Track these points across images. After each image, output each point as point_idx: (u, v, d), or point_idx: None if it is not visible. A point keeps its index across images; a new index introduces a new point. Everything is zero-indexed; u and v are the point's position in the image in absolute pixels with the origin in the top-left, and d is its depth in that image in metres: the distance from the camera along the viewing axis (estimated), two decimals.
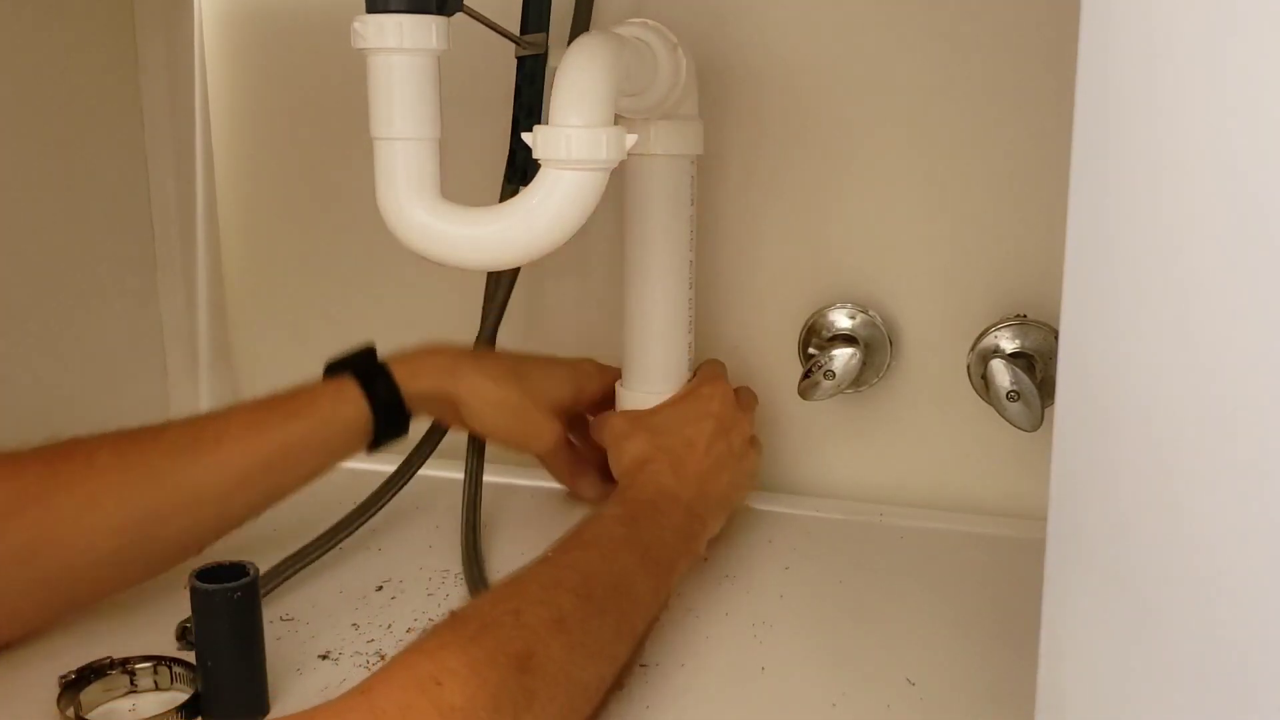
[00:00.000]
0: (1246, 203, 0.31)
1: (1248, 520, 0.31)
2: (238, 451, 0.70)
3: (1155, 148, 0.37)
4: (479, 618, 0.55)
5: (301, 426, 0.72)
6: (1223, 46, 0.33)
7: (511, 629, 0.54)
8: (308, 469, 0.74)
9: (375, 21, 0.64)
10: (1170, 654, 0.36)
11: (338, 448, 0.75)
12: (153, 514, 0.67)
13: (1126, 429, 0.39)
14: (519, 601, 0.57)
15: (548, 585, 0.59)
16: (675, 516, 0.71)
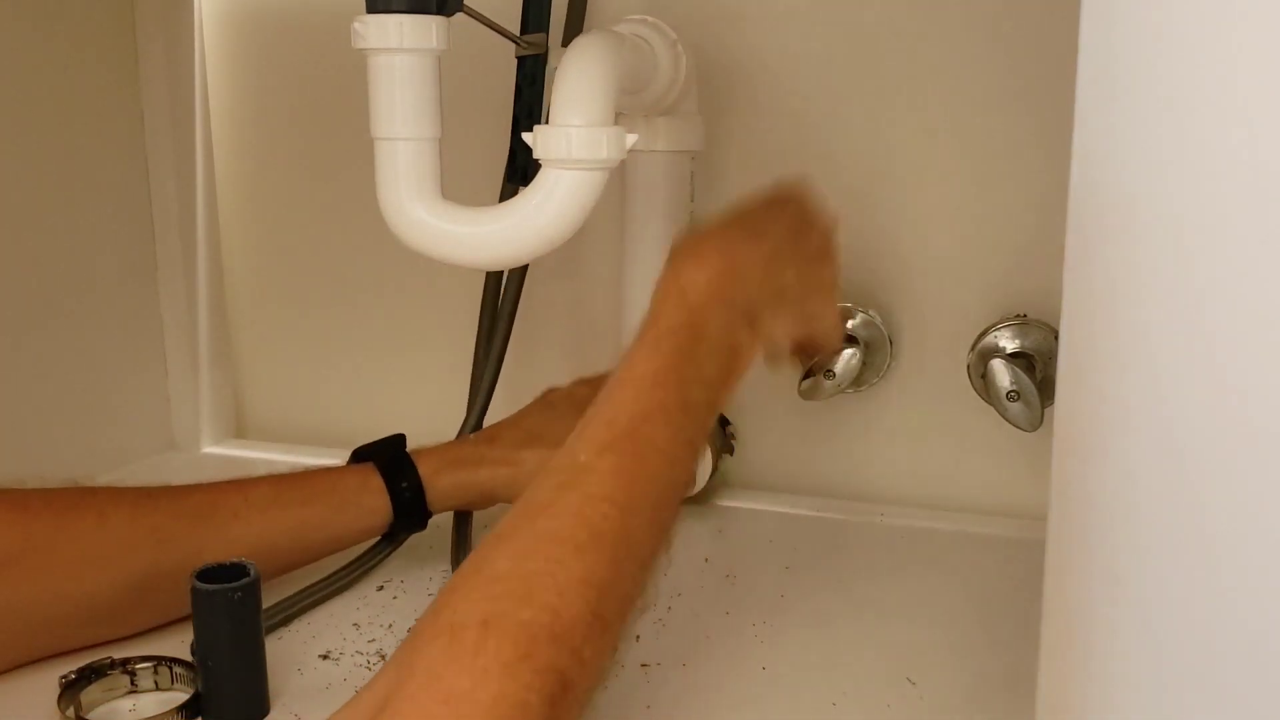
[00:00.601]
0: (1247, 202, 0.31)
1: (1248, 519, 0.31)
2: (252, 528, 0.70)
3: (1155, 148, 0.37)
4: (485, 620, 0.48)
5: (319, 511, 0.72)
6: (1223, 44, 0.33)
7: (531, 626, 0.48)
8: (318, 551, 0.74)
9: (375, 21, 0.64)
10: (1170, 654, 0.36)
11: (353, 535, 0.75)
12: (157, 575, 0.66)
13: (1127, 429, 0.38)
14: (530, 577, 0.50)
15: (561, 539, 0.51)
16: (719, 329, 0.62)
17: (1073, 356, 0.43)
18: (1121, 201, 0.39)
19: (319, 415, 1.06)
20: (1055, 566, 0.44)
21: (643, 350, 0.60)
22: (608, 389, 0.58)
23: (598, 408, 0.57)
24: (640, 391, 0.57)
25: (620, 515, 0.52)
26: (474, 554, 0.53)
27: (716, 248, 0.64)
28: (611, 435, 0.55)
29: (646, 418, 0.56)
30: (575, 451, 0.55)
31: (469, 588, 0.50)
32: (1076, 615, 0.43)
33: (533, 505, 0.53)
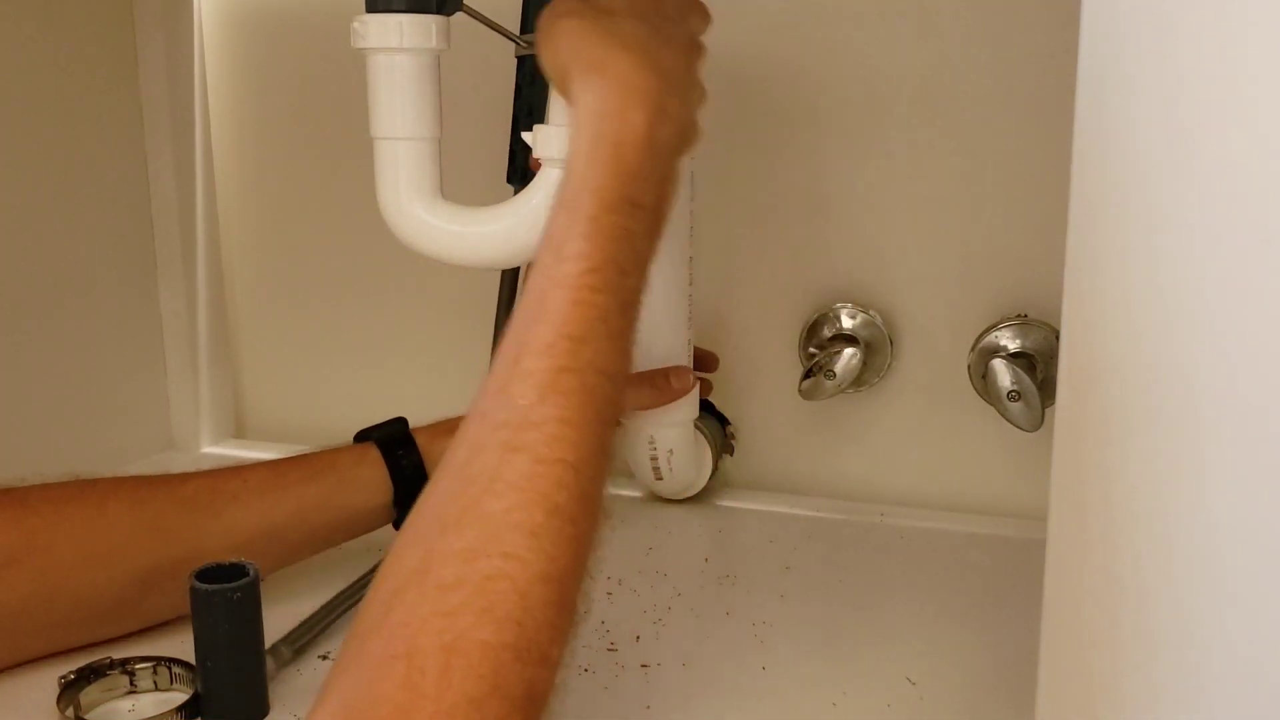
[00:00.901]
0: (1247, 202, 0.31)
1: (1247, 519, 0.31)
2: (252, 511, 0.68)
3: (1155, 148, 0.37)
4: (445, 646, 0.43)
5: (319, 490, 0.71)
6: (1224, 46, 0.33)
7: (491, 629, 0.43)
8: (324, 534, 0.72)
9: (375, 21, 0.64)
10: (1170, 654, 0.35)
11: (356, 514, 0.72)
12: (159, 567, 0.65)
13: (1126, 429, 0.38)
14: (486, 584, 0.44)
15: (514, 525, 0.45)
16: (653, 189, 0.55)
17: (1073, 356, 0.43)
18: (1121, 201, 0.39)
19: (318, 415, 1.06)
20: (1055, 566, 0.44)
21: (573, 235, 0.52)
22: (537, 290, 0.51)
23: (529, 320, 0.50)
24: (581, 299, 0.50)
25: (575, 478, 0.47)
26: (412, 531, 0.47)
27: (639, 71, 0.56)
28: (553, 367, 0.48)
29: (589, 335, 0.50)
30: (511, 390, 0.48)
31: (418, 598, 0.44)
32: (1076, 615, 0.43)
33: (473, 471, 0.47)
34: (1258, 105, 0.31)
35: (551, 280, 0.51)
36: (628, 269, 0.52)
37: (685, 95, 0.58)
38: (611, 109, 0.55)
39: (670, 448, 0.84)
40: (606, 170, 0.53)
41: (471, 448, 0.48)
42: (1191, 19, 0.34)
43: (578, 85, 0.56)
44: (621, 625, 0.71)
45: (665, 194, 0.56)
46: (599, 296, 0.50)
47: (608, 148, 0.54)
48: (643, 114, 0.55)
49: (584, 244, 0.51)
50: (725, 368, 0.92)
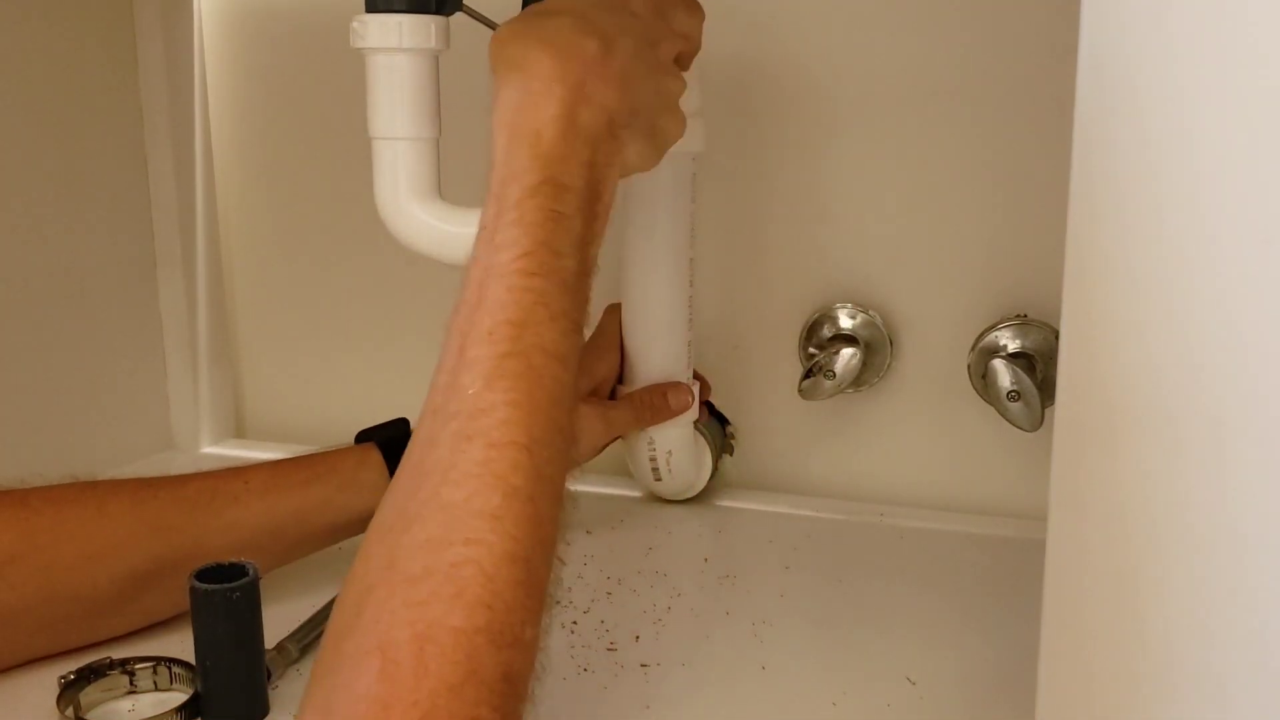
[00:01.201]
0: (1247, 201, 0.31)
1: (1247, 520, 0.31)
2: (253, 512, 0.68)
3: (1155, 148, 0.37)
4: (417, 636, 0.43)
5: (319, 491, 0.71)
6: (1223, 46, 0.33)
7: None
8: (324, 534, 0.72)
9: (375, 21, 0.64)
10: (1169, 654, 0.35)
11: (357, 515, 0.71)
12: (158, 566, 0.65)
13: (1126, 429, 0.38)
14: (452, 570, 0.45)
15: (474, 511, 0.46)
16: (581, 172, 0.56)
17: (1073, 356, 0.43)
18: (1121, 201, 0.39)
19: (319, 415, 1.06)
20: (1055, 566, 0.44)
21: (503, 224, 0.53)
22: (475, 280, 0.52)
23: (470, 311, 0.51)
24: (515, 284, 0.51)
25: (529, 459, 0.48)
26: (377, 531, 0.48)
27: (556, 60, 0.56)
28: (496, 353, 0.49)
29: (529, 319, 0.50)
30: (460, 379, 0.49)
31: (387, 593, 0.45)
32: (1076, 615, 0.43)
33: (429, 465, 0.48)
34: (1258, 104, 0.31)
35: (486, 270, 0.52)
36: (562, 250, 0.53)
37: (619, 84, 0.58)
38: (527, 100, 0.56)
39: (670, 449, 0.84)
40: (526, 157, 0.54)
41: (426, 442, 0.49)
42: (1192, 19, 0.34)
43: (499, 84, 0.57)
44: (621, 625, 0.71)
45: (600, 177, 0.57)
46: (535, 280, 0.51)
47: (526, 135, 0.55)
48: (556, 100, 0.55)
49: (513, 230, 0.52)
50: (725, 368, 0.92)
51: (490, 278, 0.52)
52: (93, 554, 0.64)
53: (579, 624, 0.71)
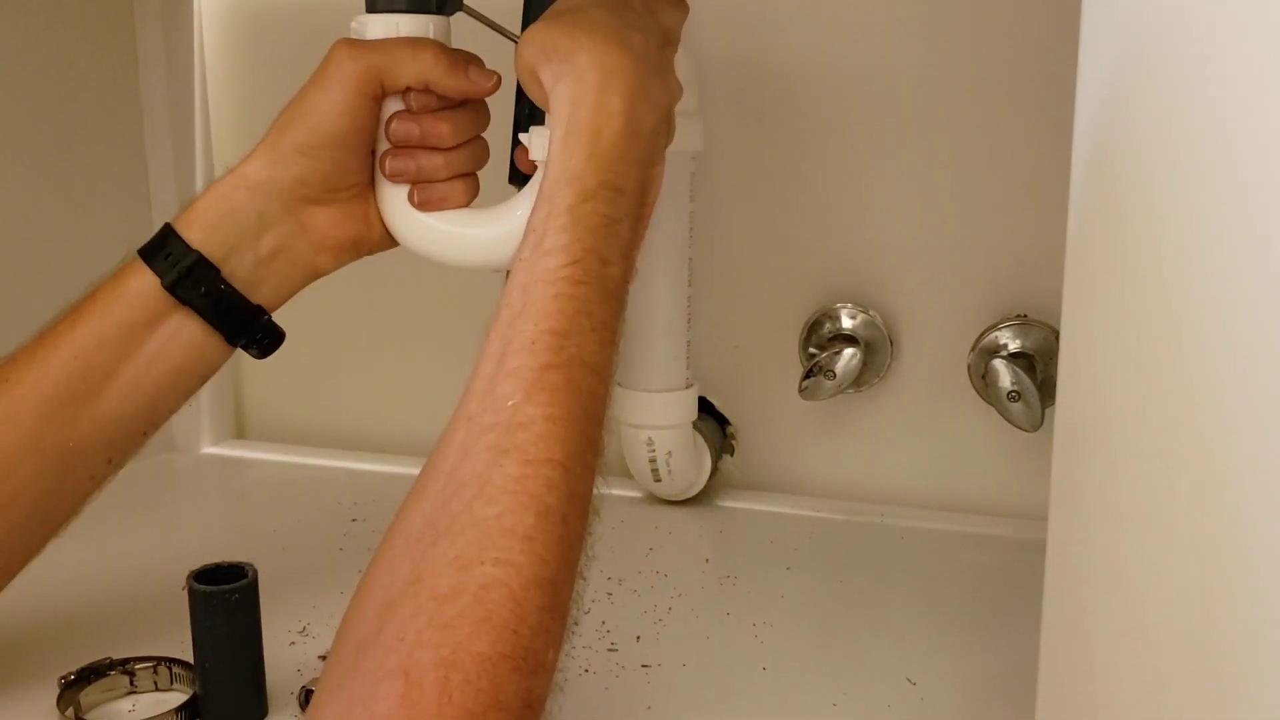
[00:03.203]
0: (1247, 202, 0.31)
1: (1247, 519, 0.31)
2: (28, 385, 0.60)
3: (1155, 147, 0.37)
4: (442, 661, 0.42)
5: (88, 327, 0.62)
6: (1223, 46, 0.33)
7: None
8: (131, 374, 0.62)
9: (375, 21, 0.64)
10: (1169, 654, 0.35)
11: (144, 340, 0.62)
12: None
13: (1126, 429, 0.38)
14: (482, 593, 0.43)
15: (506, 530, 0.45)
16: (635, 175, 0.54)
17: (1073, 356, 0.43)
18: (1121, 201, 0.39)
19: (319, 415, 1.06)
20: (1055, 566, 0.44)
21: (552, 228, 0.50)
22: (520, 285, 0.50)
23: (513, 317, 0.49)
24: (561, 292, 0.49)
25: (565, 477, 0.46)
26: (402, 538, 0.46)
27: (614, 52, 0.54)
28: (538, 364, 0.47)
29: (572, 329, 0.48)
30: (497, 390, 0.47)
31: (413, 610, 0.43)
32: (1076, 615, 0.43)
33: (464, 476, 0.46)
34: (1258, 104, 0.31)
35: (533, 275, 0.50)
36: (610, 258, 0.51)
37: (663, 80, 0.56)
38: (587, 94, 0.53)
39: (669, 449, 0.85)
40: (583, 157, 0.52)
41: (460, 451, 0.47)
42: (1191, 18, 0.34)
43: (549, 78, 0.54)
44: (622, 625, 0.71)
45: (649, 178, 0.55)
46: (581, 289, 0.49)
47: (584, 134, 0.52)
48: (620, 96, 0.53)
49: (563, 236, 0.50)
50: (725, 368, 0.92)
51: (535, 283, 0.49)
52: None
53: (580, 625, 0.70)
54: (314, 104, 0.62)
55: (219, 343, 0.63)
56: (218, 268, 0.62)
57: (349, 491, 0.93)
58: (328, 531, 0.85)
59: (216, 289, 0.62)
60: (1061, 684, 0.45)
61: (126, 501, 0.92)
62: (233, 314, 0.63)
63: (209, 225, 0.62)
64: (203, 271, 0.61)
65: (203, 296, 0.61)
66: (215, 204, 0.62)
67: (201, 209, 0.62)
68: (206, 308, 0.62)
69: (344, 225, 0.65)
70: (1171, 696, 0.35)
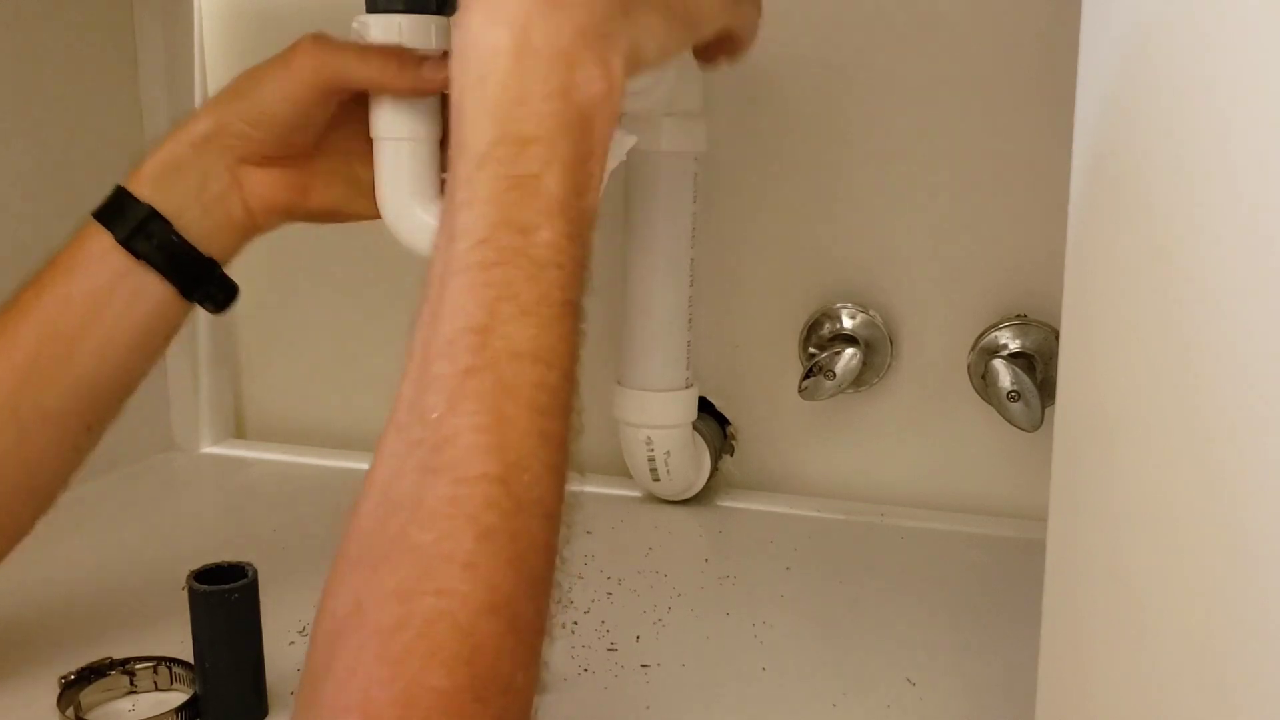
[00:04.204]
0: (1247, 202, 0.31)
1: (1248, 519, 0.31)
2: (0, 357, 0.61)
3: (1156, 147, 0.37)
4: (397, 699, 0.39)
5: (52, 294, 0.62)
6: (1223, 46, 0.33)
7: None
8: (97, 335, 0.62)
9: (375, 21, 0.64)
10: (1169, 655, 0.35)
11: (107, 298, 0.62)
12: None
13: (1126, 429, 0.38)
14: (426, 626, 0.40)
15: (444, 556, 0.41)
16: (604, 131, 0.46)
17: (1073, 356, 0.43)
18: (1121, 201, 0.39)
19: (319, 415, 1.06)
20: (1055, 566, 0.44)
21: (456, 204, 0.44)
22: (436, 279, 0.44)
23: (430, 317, 0.44)
24: (474, 280, 0.43)
25: (505, 491, 0.41)
26: (344, 559, 0.43)
27: None
28: (459, 369, 0.43)
29: (493, 322, 0.42)
30: (424, 399, 0.43)
31: (359, 643, 0.40)
32: (1076, 615, 0.43)
33: (396, 496, 0.42)
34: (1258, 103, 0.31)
35: (445, 266, 0.44)
36: (531, 222, 0.43)
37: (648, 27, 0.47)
38: (468, 40, 0.44)
39: (667, 449, 0.85)
40: (472, 115, 0.44)
41: (392, 468, 0.43)
42: (1191, 18, 0.34)
43: (453, 33, 0.46)
44: (621, 625, 0.71)
45: (580, 100, 0.45)
46: (496, 271, 0.43)
47: (470, 86, 0.44)
48: (503, 24, 0.44)
49: (464, 212, 0.43)
50: (725, 368, 0.92)
51: (448, 275, 0.43)
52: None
53: (579, 625, 0.71)
54: (267, 88, 0.63)
55: (176, 297, 0.64)
56: (169, 221, 0.63)
57: (349, 491, 0.92)
58: (328, 531, 0.85)
59: (169, 242, 0.63)
60: (1061, 684, 0.45)
61: (126, 501, 0.92)
62: (187, 267, 0.64)
63: (156, 181, 0.63)
64: (155, 225, 0.63)
65: (157, 250, 0.62)
66: (162, 160, 0.64)
67: (149, 166, 0.64)
68: (162, 261, 0.63)
69: (279, 190, 0.65)
70: (1171, 696, 0.35)
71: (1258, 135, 0.31)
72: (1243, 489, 0.32)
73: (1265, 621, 0.31)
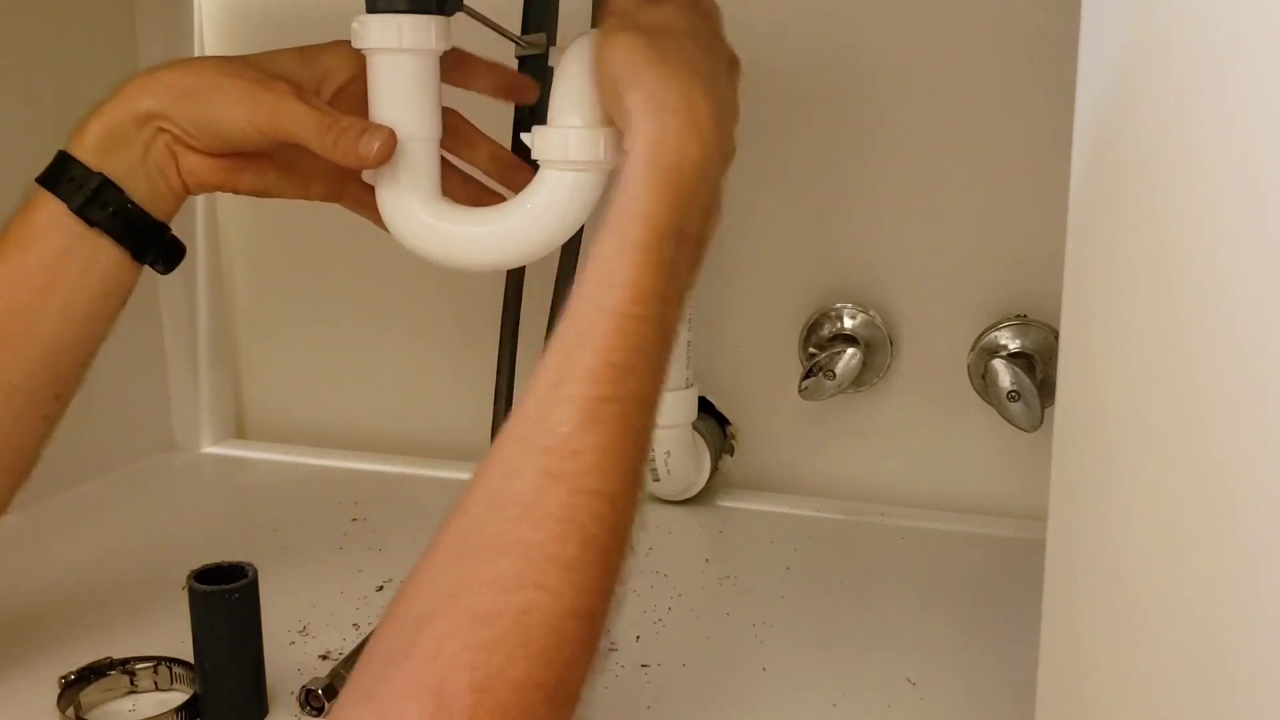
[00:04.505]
0: (1246, 202, 0.31)
1: (1247, 519, 0.31)
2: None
3: (1155, 148, 0.37)
4: (476, 684, 0.42)
5: (10, 264, 0.63)
6: (1224, 44, 0.33)
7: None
8: (60, 308, 0.63)
9: (375, 21, 0.64)
10: (1169, 654, 0.35)
11: (59, 264, 0.63)
12: None
13: (1126, 429, 0.38)
14: (521, 618, 0.43)
15: (550, 556, 0.45)
16: (702, 217, 0.54)
17: (1073, 356, 0.43)
18: (1121, 201, 0.39)
19: (319, 415, 1.06)
20: (1055, 566, 0.44)
21: (623, 262, 0.50)
22: (583, 315, 0.50)
23: (573, 343, 0.49)
24: (624, 327, 0.49)
25: (611, 511, 0.46)
26: (441, 551, 0.46)
27: (699, 96, 0.54)
28: (596, 395, 0.47)
29: (632, 366, 0.48)
30: (553, 414, 0.47)
31: (449, 627, 0.43)
32: (1076, 615, 0.43)
33: (508, 496, 0.46)
34: (1258, 104, 0.31)
35: (598, 306, 0.50)
36: (671, 300, 0.51)
37: (732, 129, 0.57)
38: (670, 138, 0.53)
39: (668, 449, 0.85)
40: (661, 199, 0.52)
41: (507, 471, 0.47)
42: (1191, 18, 0.34)
43: (636, 109, 0.54)
44: (621, 625, 0.70)
45: (710, 225, 0.55)
46: (644, 327, 0.49)
47: (664, 175, 0.52)
48: (698, 144, 0.53)
49: (634, 272, 0.50)
50: (725, 368, 0.92)
51: (600, 315, 0.49)
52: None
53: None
54: (222, 110, 0.64)
55: (129, 261, 0.65)
56: (120, 188, 0.64)
57: (349, 491, 0.93)
58: (328, 531, 0.85)
59: (124, 209, 0.64)
60: (1061, 684, 0.45)
61: (126, 501, 0.92)
62: (141, 232, 0.65)
63: (102, 149, 0.64)
64: (109, 192, 0.63)
65: (111, 216, 0.63)
66: (105, 128, 0.65)
67: (92, 133, 0.65)
68: (115, 227, 0.64)
69: (213, 172, 0.66)
70: (1170, 696, 0.36)
71: (1258, 135, 0.31)
72: (1242, 489, 0.32)
73: (1265, 621, 0.31)
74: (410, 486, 0.94)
